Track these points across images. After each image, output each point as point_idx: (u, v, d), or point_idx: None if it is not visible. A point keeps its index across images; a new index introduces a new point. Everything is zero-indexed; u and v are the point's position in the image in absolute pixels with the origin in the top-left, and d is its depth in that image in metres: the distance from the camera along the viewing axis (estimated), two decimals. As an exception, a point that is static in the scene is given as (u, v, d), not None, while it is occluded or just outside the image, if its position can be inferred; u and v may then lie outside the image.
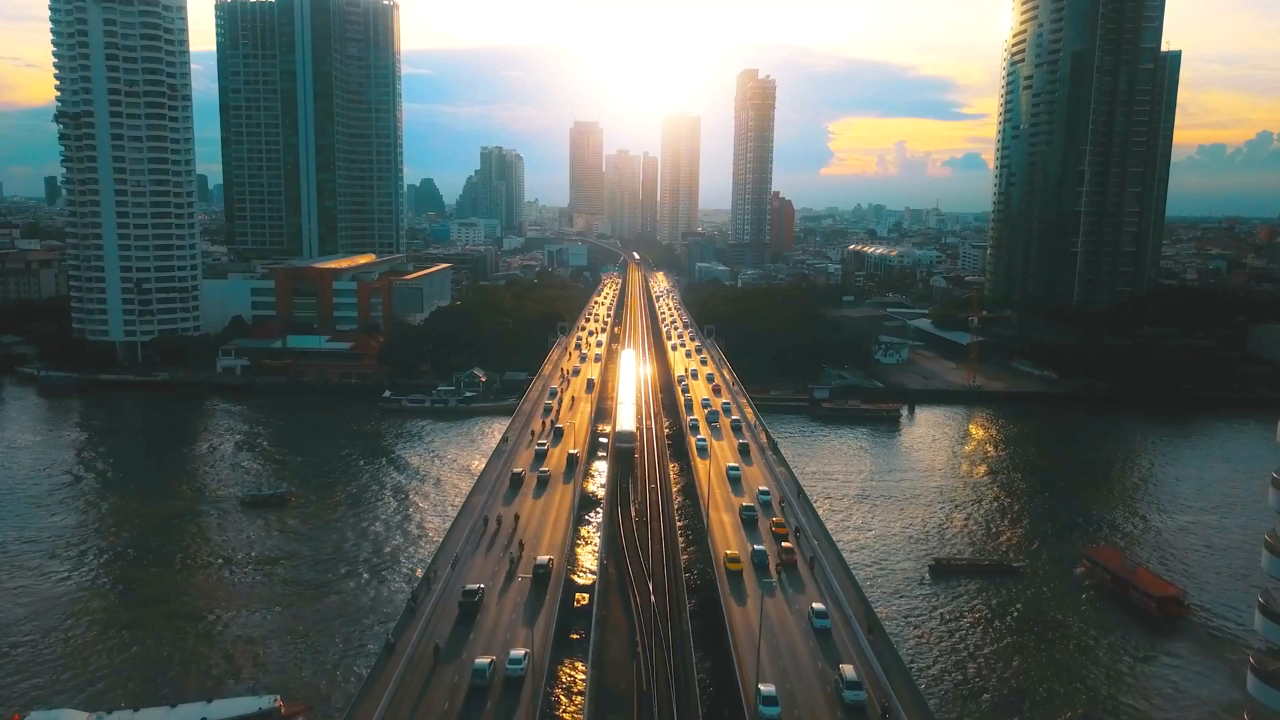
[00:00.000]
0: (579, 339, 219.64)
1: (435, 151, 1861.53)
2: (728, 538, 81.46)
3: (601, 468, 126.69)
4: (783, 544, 79.12)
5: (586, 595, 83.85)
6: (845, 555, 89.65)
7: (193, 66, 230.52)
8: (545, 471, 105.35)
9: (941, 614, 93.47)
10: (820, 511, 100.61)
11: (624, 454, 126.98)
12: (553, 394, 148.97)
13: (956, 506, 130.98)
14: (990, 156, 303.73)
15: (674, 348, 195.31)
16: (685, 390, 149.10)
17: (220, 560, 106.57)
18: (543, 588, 72.59)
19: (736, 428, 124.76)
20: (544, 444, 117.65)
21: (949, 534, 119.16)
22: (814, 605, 66.92)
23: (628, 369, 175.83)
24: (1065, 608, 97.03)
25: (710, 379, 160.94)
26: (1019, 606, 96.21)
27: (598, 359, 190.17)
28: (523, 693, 57.55)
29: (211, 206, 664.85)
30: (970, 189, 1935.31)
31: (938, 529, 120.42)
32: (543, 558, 77.01)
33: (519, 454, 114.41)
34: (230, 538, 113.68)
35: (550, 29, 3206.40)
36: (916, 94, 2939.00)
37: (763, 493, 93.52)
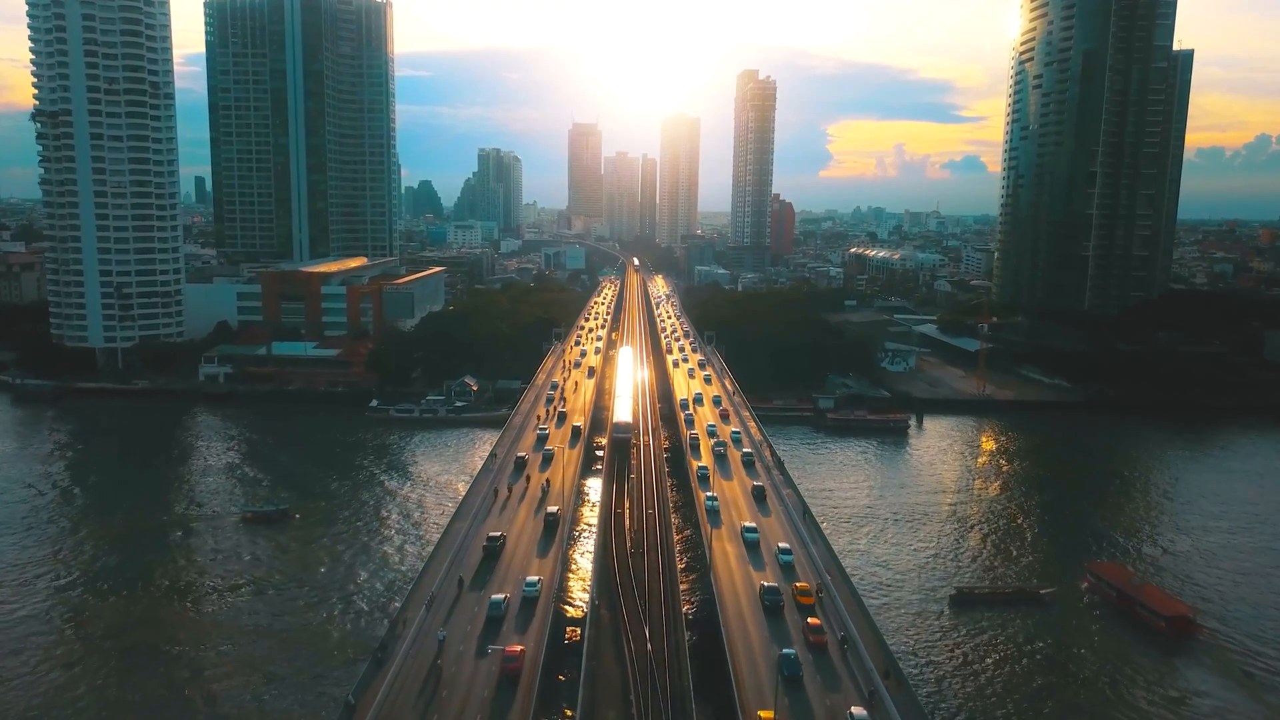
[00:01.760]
0: (578, 336, 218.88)
1: (433, 153, 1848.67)
2: (754, 655, 65.20)
3: (594, 485, 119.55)
4: (809, 619, 69.11)
5: (578, 629, 78.28)
6: (860, 585, 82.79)
7: (188, 69, 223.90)
8: (550, 450, 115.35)
9: (969, 656, 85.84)
10: (831, 537, 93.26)
11: (621, 445, 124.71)
12: (554, 386, 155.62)
13: (971, 526, 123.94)
14: (989, 159, 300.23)
15: (675, 364, 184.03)
16: (690, 423, 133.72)
17: (216, 585, 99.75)
18: (552, 532, 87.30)
19: (749, 462, 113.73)
20: (545, 429, 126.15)
21: (966, 557, 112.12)
22: (852, 711, 56.50)
23: (625, 374, 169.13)
24: (1084, 634, 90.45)
25: (717, 402, 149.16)
26: (1052, 643, 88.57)
27: (597, 350, 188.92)
28: (537, 608, 70.48)
29: (208, 209, 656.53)
30: (969, 192, 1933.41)
31: (960, 552, 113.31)
32: (551, 508, 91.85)
33: (526, 434, 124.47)
34: (226, 559, 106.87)
35: (549, 30, 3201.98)
36: (915, 96, 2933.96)
37: (783, 552, 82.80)
